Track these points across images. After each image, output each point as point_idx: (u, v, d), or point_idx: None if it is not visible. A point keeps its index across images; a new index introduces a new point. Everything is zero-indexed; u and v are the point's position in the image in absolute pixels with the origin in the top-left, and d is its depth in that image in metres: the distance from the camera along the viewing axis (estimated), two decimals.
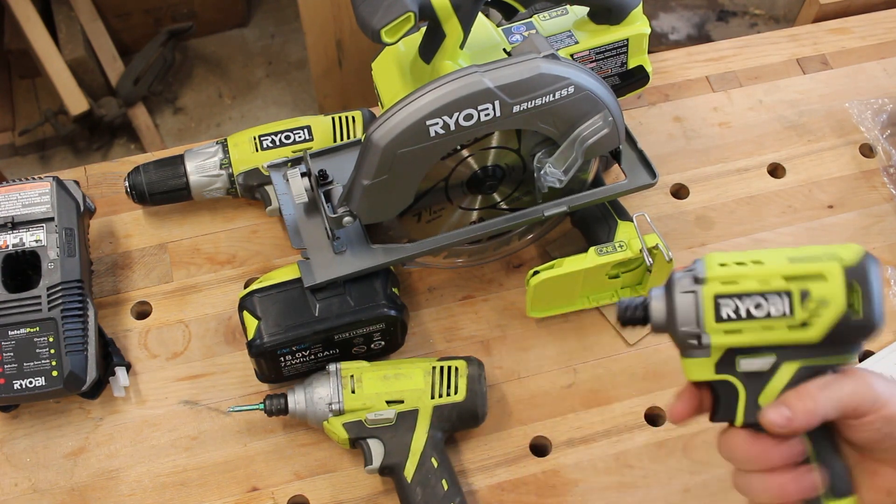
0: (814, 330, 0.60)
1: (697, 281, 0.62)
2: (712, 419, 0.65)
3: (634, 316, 0.65)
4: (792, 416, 0.59)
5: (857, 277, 0.59)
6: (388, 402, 0.86)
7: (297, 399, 0.87)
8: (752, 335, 0.61)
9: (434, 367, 0.88)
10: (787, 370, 0.61)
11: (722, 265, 0.62)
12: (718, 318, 0.61)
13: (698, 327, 0.62)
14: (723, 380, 0.63)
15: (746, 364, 0.62)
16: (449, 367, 0.88)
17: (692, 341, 0.62)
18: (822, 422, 0.59)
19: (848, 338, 0.61)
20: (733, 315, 0.61)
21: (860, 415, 0.59)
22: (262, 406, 0.88)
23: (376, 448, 0.86)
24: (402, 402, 0.86)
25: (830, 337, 0.60)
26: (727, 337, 0.61)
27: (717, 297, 0.61)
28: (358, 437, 0.86)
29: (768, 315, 0.60)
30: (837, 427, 0.61)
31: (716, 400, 0.64)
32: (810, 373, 0.61)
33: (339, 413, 0.86)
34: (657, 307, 0.64)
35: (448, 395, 0.87)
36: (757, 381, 0.62)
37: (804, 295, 0.60)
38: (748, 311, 0.60)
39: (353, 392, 0.86)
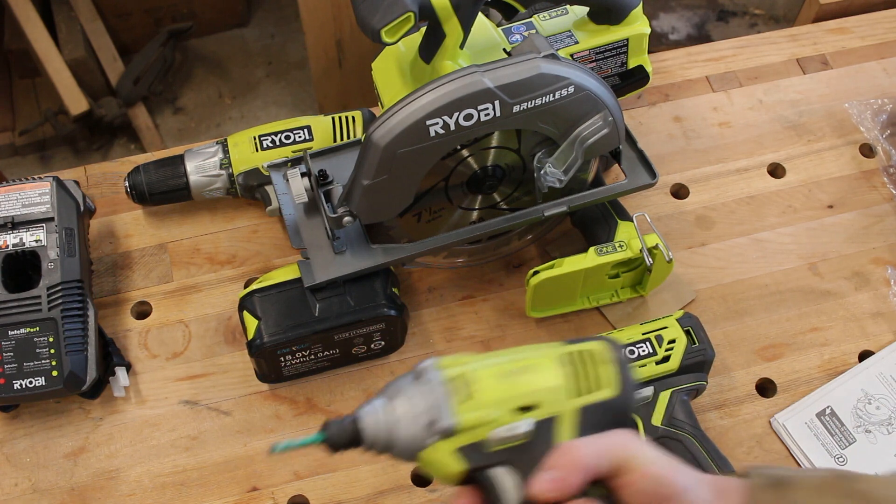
0: (672, 362, 0.88)
1: None
2: None
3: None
4: (560, 474, 0.55)
5: (688, 324, 0.89)
6: (519, 410, 0.58)
7: (377, 420, 0.57)
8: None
9: (570, 353, 0.60)
10: (664, 397, 0.87)
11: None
12: None
13: None
14: None
15: (636, 396, 0.74)
16: (585, 352, 0.60)
17: None
18: (594, 475, 0.56)
19: (696, 365, 0.88)
20: None
21: (626, 471, 0.56)
22: (322, 437, 0.57)
23: (506, 481, 0.57)
24: (535, 406, 0.58)
25: (684, 366, 0.88)
26: None
27: None
28: (477, 468, 0.57)
29: (640, 356, 0.87)
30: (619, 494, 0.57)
31: None
32: (679, 396, 0.87)
33: (449, 434, 0.56)
34: None
35: (595, 389, 0.59)
36: (646, 409, 0.87)
37: (659, 339, 0.89)
38: (626, 356, 0.83)
39: (466, 400, 0.57)
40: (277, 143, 1.00)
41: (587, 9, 0.99)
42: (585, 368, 0.60)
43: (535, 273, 0.92)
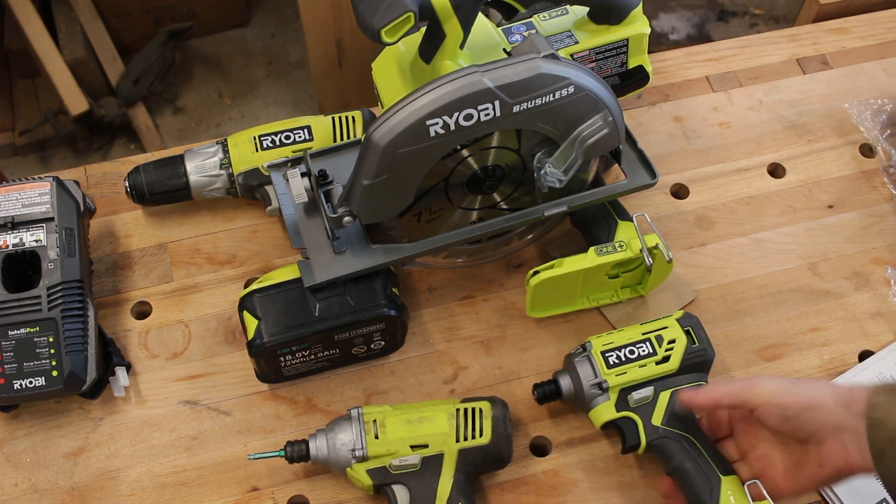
0: (672, 362, 0.87)
1: (585, 349, 0.89)
2: (624, 452, 0.87)
3: (549, 393, 0.89)
4: (694, 394, 0.82)
5: (687, 324, 0.89)
6: (412, 447, 0.84)
7: (318, 445, 0.85)
8: (633, 374, 0.87)
9: (458, 410, 0.85)
10: (664, 396, 0.87)
11: (598, 338, 0.89)
12: (609, 366, 0.87)
13: (597, 377, 0.87)
14: (623, 416, 0.87)
15: (635, 396, 0.87)
16: (473, 409, 0.86)
17: (595, 390, 0.87)
18: (717, 404, 0.82)
19: (696, 365, 0.88)
20: (617, 361, 0.87)
21: (752, 406, 0.79)
22: (283, 453, 0.85)
23: (402, 494, 0.83)
24: (426, 446, 0.84)
25: (684, 367, 0.87)
26: (618, 378, 0.87)
27: (603, 352, 0.88)
28: (382, 484, 0.84)
29: (640, 356, 0.87)
30: (761, 423, 0.81)
31: (623, 435, 0.87)
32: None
33: (363, 459, 0.83)
34: (565, 382, 0.88)
35: (473, 437, 0.84)
36: (646, 409, 0.87)
37: (659, 339, 0.88)
38: (626, 356, 0.87)
39: (376, 437, 0.83)
40: (277, 143, 1.00)
41: (587, 9, 0.99)
42: (468, 421, 0.84)
43: (535, 273, 0.92)
